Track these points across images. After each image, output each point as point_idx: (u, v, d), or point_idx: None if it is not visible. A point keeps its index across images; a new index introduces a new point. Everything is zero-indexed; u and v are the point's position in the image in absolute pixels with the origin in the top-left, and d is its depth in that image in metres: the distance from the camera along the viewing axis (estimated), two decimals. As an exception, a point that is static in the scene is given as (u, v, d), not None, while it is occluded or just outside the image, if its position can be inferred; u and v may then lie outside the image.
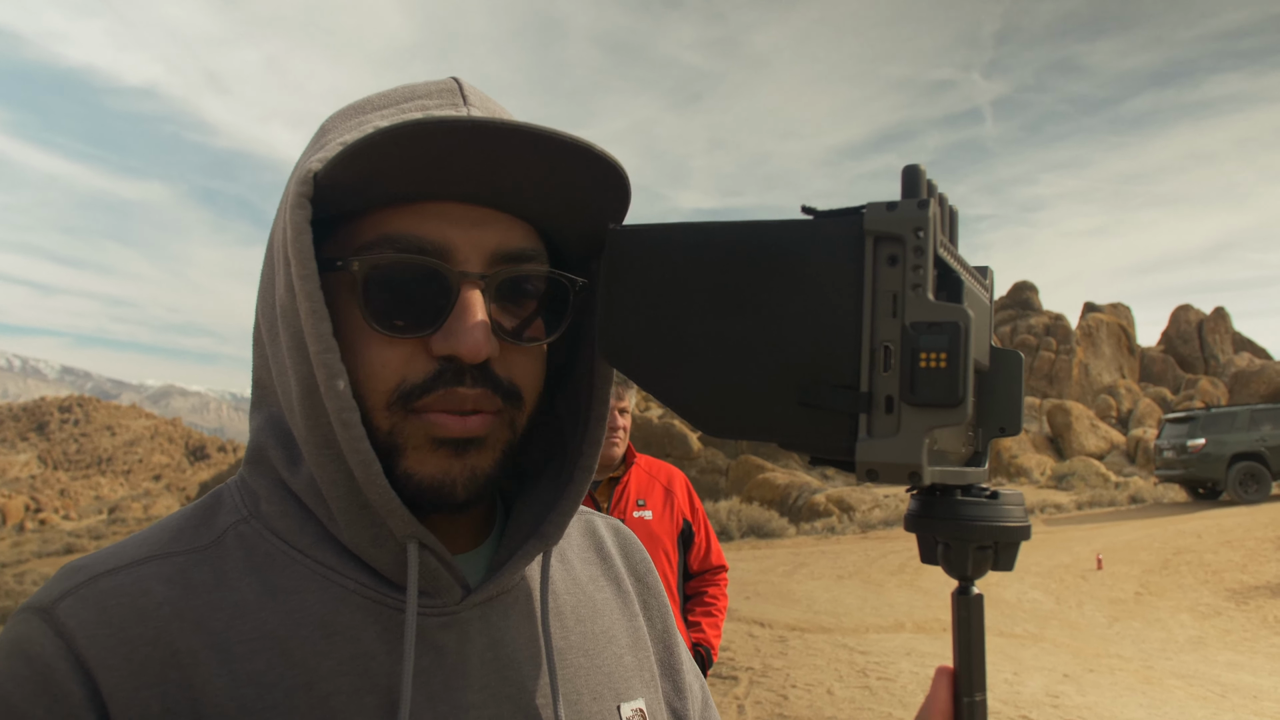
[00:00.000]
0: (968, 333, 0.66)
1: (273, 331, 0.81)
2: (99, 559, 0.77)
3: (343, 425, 0.73)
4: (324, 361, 0.73)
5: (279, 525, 0.80)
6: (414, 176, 0.74)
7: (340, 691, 0.74)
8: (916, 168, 0.70)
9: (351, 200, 0.77)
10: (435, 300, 0.76)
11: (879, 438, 0.69)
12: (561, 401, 0.94)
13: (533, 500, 0.91)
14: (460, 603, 0.82)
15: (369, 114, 0.81)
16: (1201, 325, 53.12)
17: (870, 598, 11.68)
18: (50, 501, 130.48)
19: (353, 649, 0.76)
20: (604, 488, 3.58)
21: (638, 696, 0.93)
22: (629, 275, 0.79)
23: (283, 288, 0.77)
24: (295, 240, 0.73)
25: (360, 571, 0.79)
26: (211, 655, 0.72)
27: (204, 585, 0.76)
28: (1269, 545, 13.44)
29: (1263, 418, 20.66)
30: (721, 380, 0.75)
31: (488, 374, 0.78)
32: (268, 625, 0.75)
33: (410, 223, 0.76)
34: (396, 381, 0.76)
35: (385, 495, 0.74)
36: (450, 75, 0.86)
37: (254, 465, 0.84)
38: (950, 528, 0.76)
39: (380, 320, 0.76)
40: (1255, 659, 8.57)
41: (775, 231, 0.74)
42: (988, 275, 0.86)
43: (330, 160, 0.72)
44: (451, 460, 0.78)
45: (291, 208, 0.73)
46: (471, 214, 0.78)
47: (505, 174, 0.76)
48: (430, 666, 0.78)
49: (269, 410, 0.86)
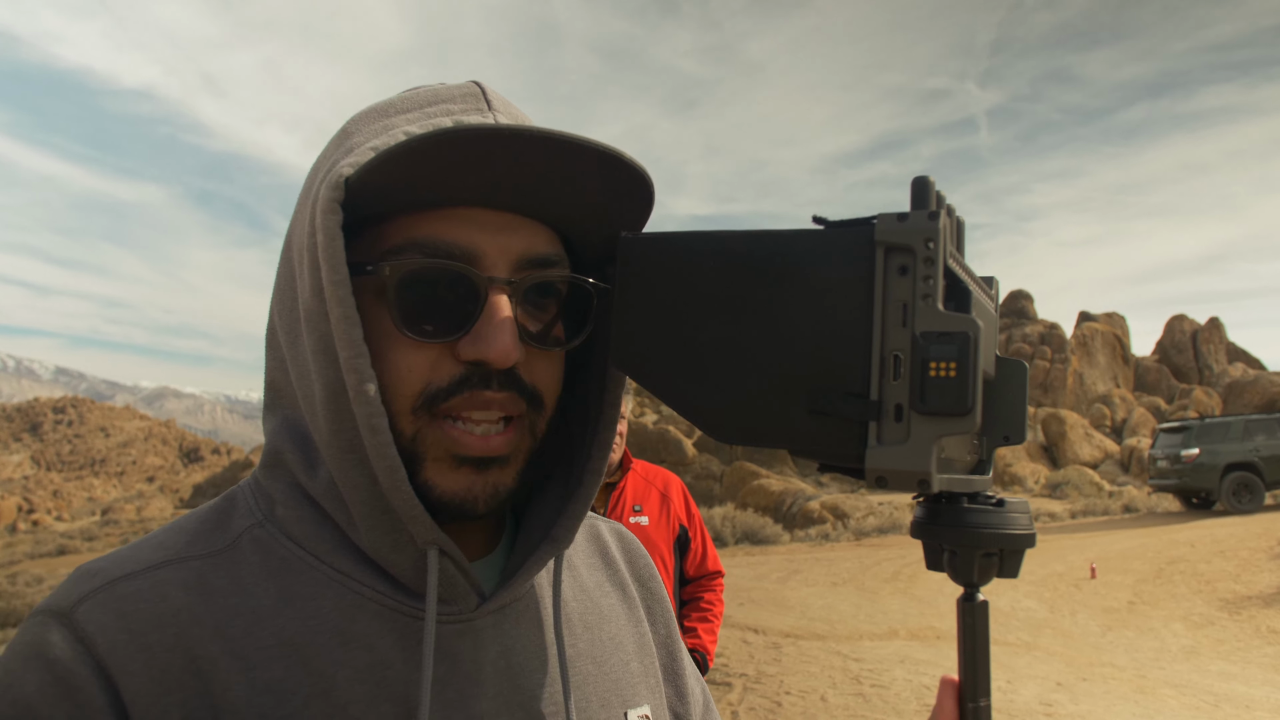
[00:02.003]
0: (977, 343, 0.67)
1: (293, 334, 0.81)
2: (115, 562, 0.76)
3: (371, 430, 0.73)
4: (355, 367, 0.72)
5: (295, 530, 0.80)
6: (442, 182, 0.75)
7: (357, 700, 0.74)
8: (926, 179, 0.71)
9: (378, 204, 0.77)
10: (464, 305, 0.76)
11: (889, 445, 0.69)
12: (571, 406, 0.93)
13: (542, 505, 0.91)
14: (475, 610, 0.82)
15: (394, 117, 0.81)
16: (1196, 335, 53.23)
17: (864, 605, 11.68)
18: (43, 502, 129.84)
19: (369, 657, 0.76)
20: (600, 493, 3.57)
21: (643, 703, 0.93)
22: (641, 283, 0.80)
23: (309, 291, 0.76)
24: (327, 245, 0.72)
25: (377, 578, 0.79)
26: (230, 662, 0.72)
27: (221, 591, 0.76)
28: (1262, 555, 13.47)
29: (1256, 428, 20.71)
30: (733, 388, 0.75)
31: (514, 378, 0.78)
32: (285, 632, 0.75)
33: (438, 228, 0.77)
34: (423, 385, 0.76)
35: (409, 502, 0.74)
36: (472, 79, 0.86)
37: (270, 468, 0.84)
38: (957, 535, 0.77)
39: (410, 325, 0.76)
40: (1248, 669, 8.59)
41: (787, 241, 0.75)
42: (993, 285, 0.87)
43: (363, 165, 0.72)
44: (474, 477, 0.78)
45: (323, 213, 0.73)
46: (497, 219, 0.79)
47: (531, 180, 0.76)
48: (445, 675, 0.78)
49: (284, 413, 0.85)
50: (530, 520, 0.90)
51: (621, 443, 3.58)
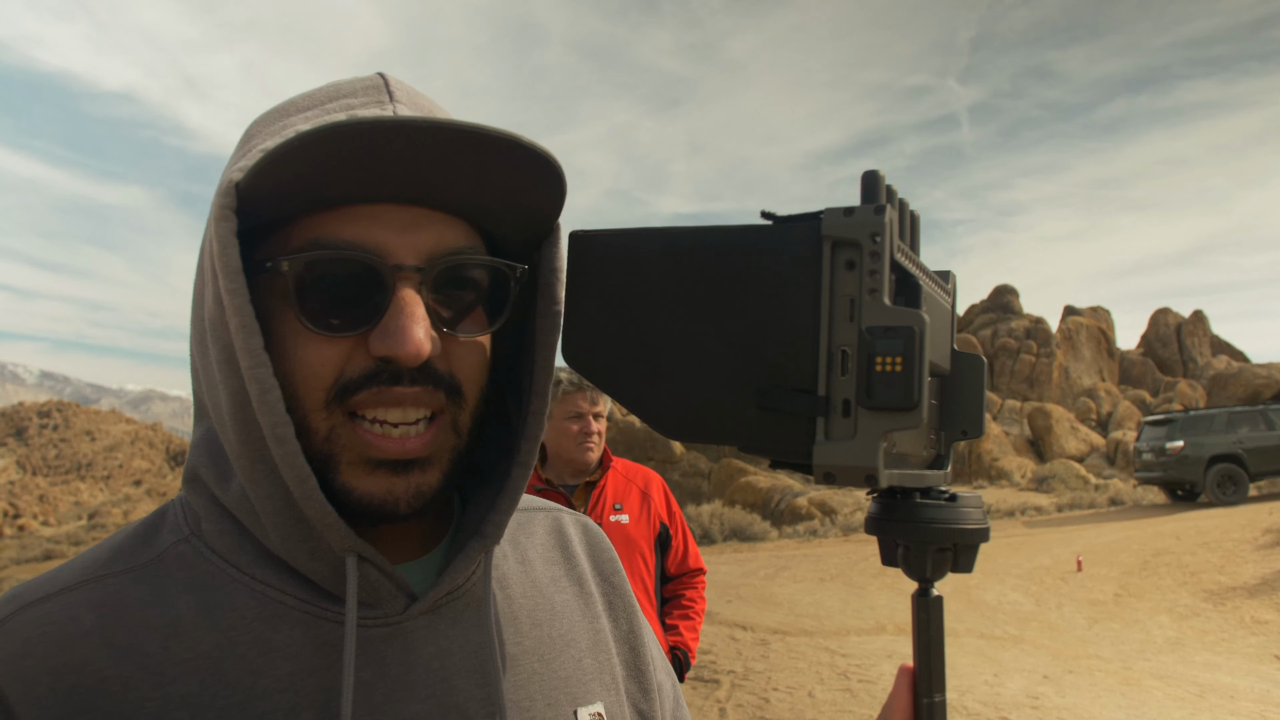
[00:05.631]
0: (923, 337, 0.67)
1: (202, 346, 0.79)
2: (34, 586, 0.76)
3: (277, 440, 0.71)
4: (256, 376, 0.71)
5: (218, 543, 0.79)
6: (341, 179, 0.72)
7: (278, 709, 0.73)
8: (875, 173, 0.71)
9: (279, 207, 0.74)
10: (370, 297, 0.74)
11: (836, 441, 0.69)
12: (512, 399, 0.91)
13: (480, 501, 0.89)
14: (404, 612, 0.80)
15: (292, 116, 0.79)
16: (1180, 328, 53.60)
17: (852, 600, 11.71)
18: (29, 508, 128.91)
19: (291, 665, 0.75)
20: (580, 492, 3.57)
21: (596, 700, 0.91)
22: (591, 280, 0.79)
23: (211, 300, 0.75)
24: (221, 254, 0.70)
25: (299, 587, 0.78)
26: (143, 678, 0.71)
27: (137, 604, 0.75)
28: (1246, 546, 13.56)
29: (1240, 420, 20.86)
30: (683, 384, 0.75)
31: (428, 371, 0.76)
32: (202, 645, 0.74)
33: (339, 226, 0.74)
34: (334, 378, 0.74)
35: (322, 510, 0.73)
36: (377, 71, 0.83)
37: (190, 484, 0.83)
38: (909, 530, 0.77)
39: (314, 319, 0.73)
40: (1232, 659, 8.65)
41: (735, 236, 0.74)
42: (949, 280, 0.87)
43: (250, 169, 0.69)
44: (394, 479, 0.76)
45: (216, 220, 0.71)
46: (404, 215, 0.76)
47: (435, 172, 0.74)
48: (372, 679, 0.77)
49: (206, 425, 0.84)
50: (468, 517, 0.88)
51: (600, 441, 3.57)
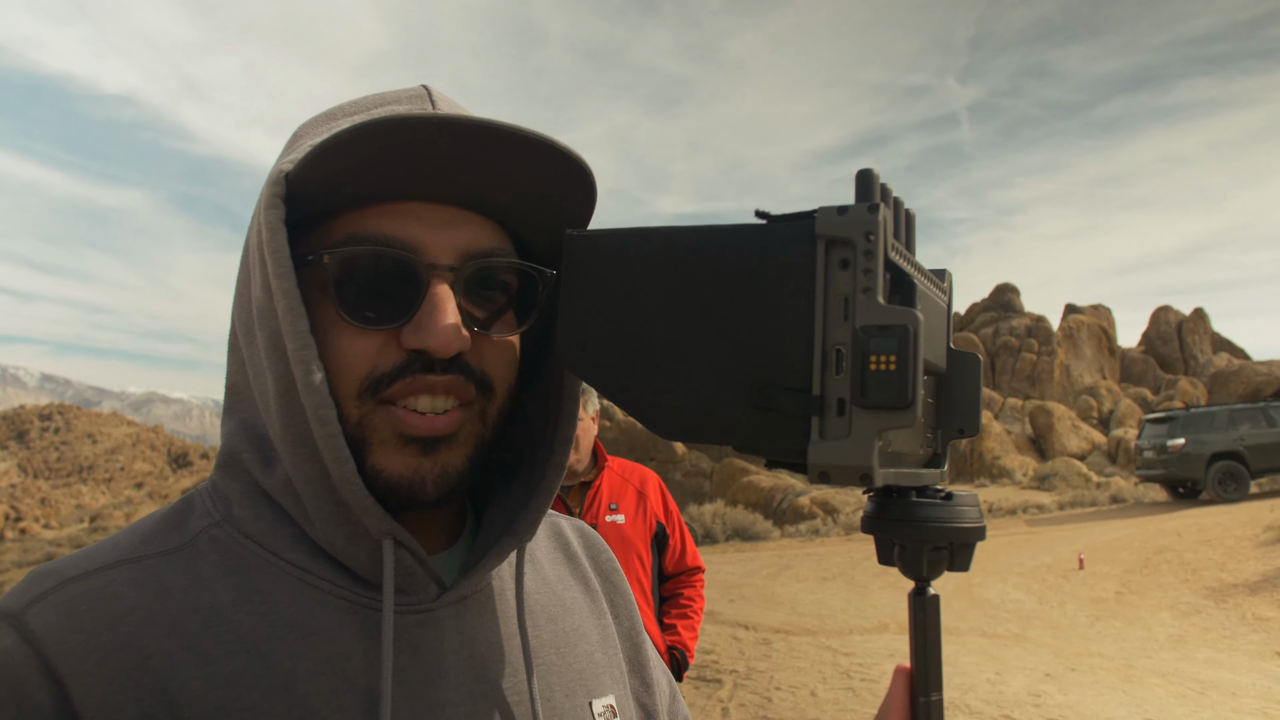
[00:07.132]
0: (917, 335, 0.67)
1: (249, 333, 0.82)
2: (69, 563, 0.76)
3: (319, 421, 0.73)
4: (301, 358, 0.73)
5: (252, 528, 0.80)
6: (382, 176, 0.75)
7: (318, 692, 0.74)
8: (869, 172, 0.71)
9: (323, 201, 0.78)
10: (405, 292, 0.77)
11: (831, 440, 0.69)
12: (530, 402, 0.95)
13: (505, 499, 0.92)
14: (436, 600, 0.82)
15: (339, 119, 0.82)
16: (1181, 326, 53.58)
17: (854, 599, 11.71)
18: (31, 510, 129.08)
19: (330, 649, 0.76)
20: (575, 493, 3.55)
21: (608, 693, 0.94)
22: (586, 280, 0.79)
23: (259, 288, 0.78)
24: (270, 240, 0.74)
25: (336, 572, 0.80)
26: (186, 658, 0.72)
27: (177, 588, 0.76)
28: (1248, 543, 13.56)
29: (1241, 417, 20.85)
30: (677, 384, 0.75)
31: (460, 364, 0.78)
32: (243, 627, 0.75)
33: (379, 221, 0.78)
34: (368, 370, 0.77)
35: (359, 493, 0.75)
36: (421, 84, 0.87)
37: (226, 469, 0.84)
38: (904, 529, 0.76)
39: (351, 312, 0.76)
40: (1234, 656, 8.65)
41: (729, 236, 0.74)
42: (945, 278, 0.87)
43: (300, 160, 0.73)
44: (420, 458, 0.78)
45: (265, 208, 0.74)
46: (440, 213, 0.79)
47: (471, 172, 0.77)
48: (408, 664, 0.79)
49: (241, 416, 0.86)
50: (492, 514, 0.91)
51: (583, 443, 3.53)
